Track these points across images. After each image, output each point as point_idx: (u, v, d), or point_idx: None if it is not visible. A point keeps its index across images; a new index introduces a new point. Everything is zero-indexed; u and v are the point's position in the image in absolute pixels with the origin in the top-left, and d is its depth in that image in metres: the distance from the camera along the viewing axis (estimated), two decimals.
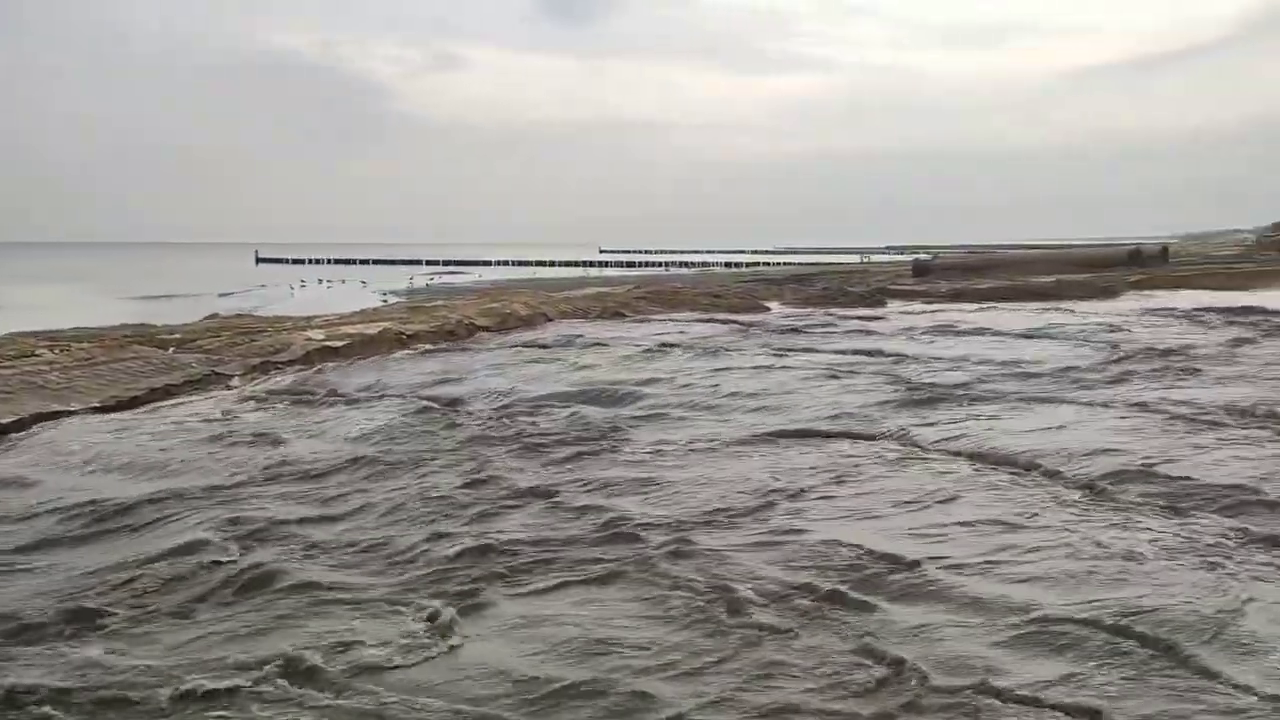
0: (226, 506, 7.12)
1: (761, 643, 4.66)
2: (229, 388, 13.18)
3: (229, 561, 5.91)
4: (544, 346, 17.15)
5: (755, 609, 5.02)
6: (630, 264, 79.39)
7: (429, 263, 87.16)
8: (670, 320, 22.13)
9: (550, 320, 21.68)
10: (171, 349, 15.08)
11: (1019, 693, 4.11)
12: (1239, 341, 15.63)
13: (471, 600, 5.27)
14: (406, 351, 16.70)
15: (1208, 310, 20.77)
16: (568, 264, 79.34)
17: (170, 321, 20.22)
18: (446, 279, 54.78)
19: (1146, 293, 28.58)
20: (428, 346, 17.33)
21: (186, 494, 7.46)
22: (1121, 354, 14.44)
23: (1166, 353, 14.28)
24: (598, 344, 17.36)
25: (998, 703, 4.06)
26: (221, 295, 39.17)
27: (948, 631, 4.77)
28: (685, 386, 12.46)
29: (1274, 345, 15.22)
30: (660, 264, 76.67)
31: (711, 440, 9.24)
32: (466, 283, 48.63)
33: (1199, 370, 12.74)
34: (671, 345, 16.82)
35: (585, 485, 7.68)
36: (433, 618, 4.98)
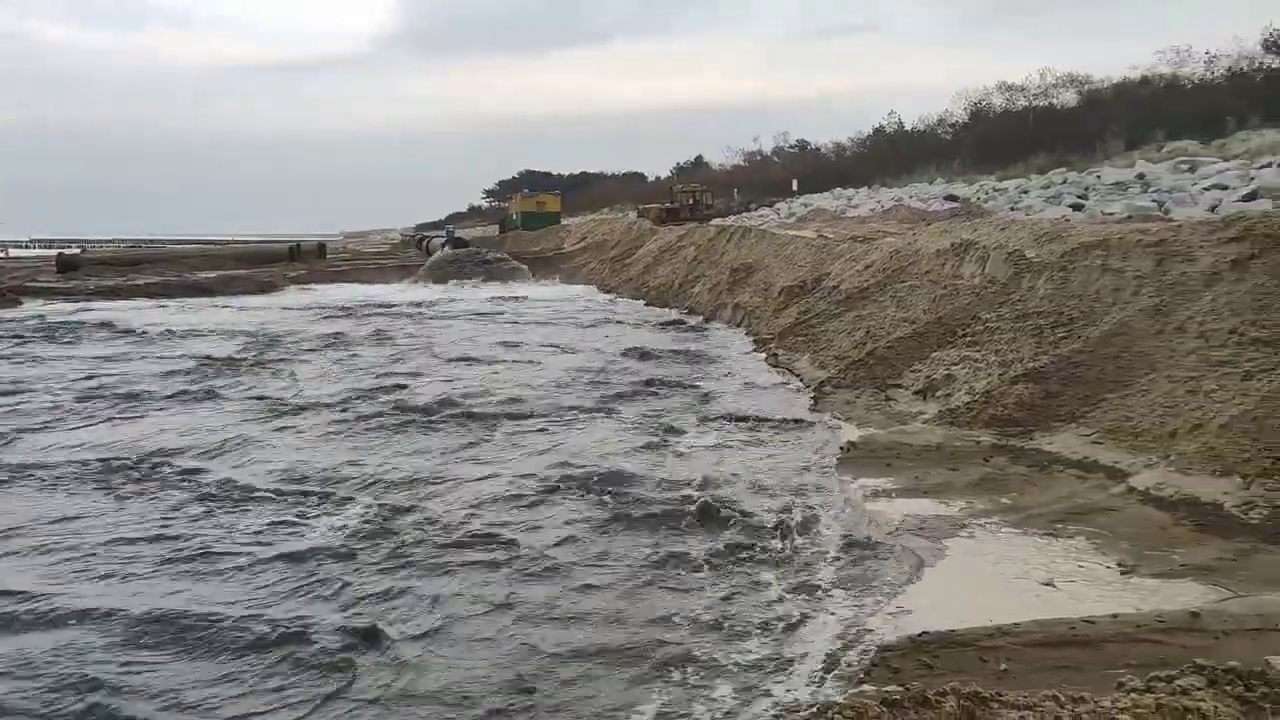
0: None
1: None
2: None
3: None
4: None
5: None
6: None
7: None
8: None
9: None
10: None
11: None
12: (378, 331, 17.24)
13: None
14: None
15: (355, 306, 22.66)
16: None
17: None
18: None
19: (306, 287, 29.97)
20: None
21: None
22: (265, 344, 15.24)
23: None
24: None
25: None
26: None
27: None
28: None
29: (412, 328, 17.15)
30: None
31: None
32: None
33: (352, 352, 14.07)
34: None
35: None
36: None
